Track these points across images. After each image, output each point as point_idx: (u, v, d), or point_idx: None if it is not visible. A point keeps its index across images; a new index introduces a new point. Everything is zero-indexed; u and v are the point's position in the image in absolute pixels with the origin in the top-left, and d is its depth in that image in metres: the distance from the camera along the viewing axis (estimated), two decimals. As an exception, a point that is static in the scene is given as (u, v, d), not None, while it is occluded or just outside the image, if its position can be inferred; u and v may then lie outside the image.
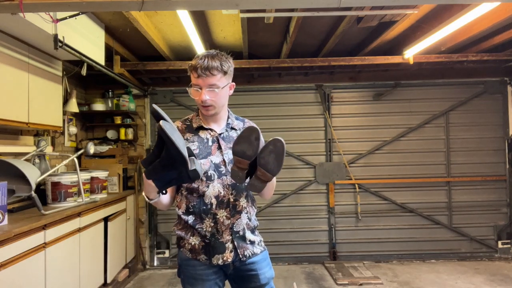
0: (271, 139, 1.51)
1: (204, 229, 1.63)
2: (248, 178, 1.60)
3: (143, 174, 1.49)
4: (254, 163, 1.55)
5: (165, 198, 1.64)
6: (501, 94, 5.14)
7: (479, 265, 4.77)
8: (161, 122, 1.37)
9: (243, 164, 1.53)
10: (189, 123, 1.75)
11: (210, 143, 1.69)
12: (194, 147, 1.67)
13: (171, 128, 1.41)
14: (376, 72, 5.11)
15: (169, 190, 1.62)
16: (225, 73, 1.64)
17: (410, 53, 4.24)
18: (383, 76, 5.16)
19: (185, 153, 1.40)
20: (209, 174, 1.64)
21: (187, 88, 1.69)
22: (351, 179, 5.10)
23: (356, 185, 5.09)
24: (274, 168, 1.52)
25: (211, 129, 1.72)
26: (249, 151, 1.50)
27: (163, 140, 1.38)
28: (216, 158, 1.67)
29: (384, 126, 5.15)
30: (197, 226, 1.64)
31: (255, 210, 1.78)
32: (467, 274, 4.44)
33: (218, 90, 1.62)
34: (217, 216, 1.63)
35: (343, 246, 5.11)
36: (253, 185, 1.57)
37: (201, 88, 1.61)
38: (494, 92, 5.14)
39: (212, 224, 1.63)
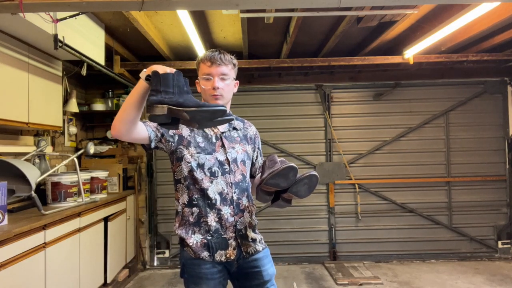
0: (308, 174, 1.59)
1: (209, 223, 1.64)
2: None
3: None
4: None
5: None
6: (501, 94, 5.14)
7: (479, 265, 4.77)
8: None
9: (271, 189, 1.63)
10: None
11: (214, 140, 1.72)
12: (199, 139, 1.70)
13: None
14: (376, 72, 5.10)
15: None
16: (234, 65, 1.74)
17: (410, 53, 4.24)
18: (383, 76, 5.16)
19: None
20: (213, 170, 1.67)
21: (196, 81, 1.73)
22: (351, 179, 5.10)
23: (356, 185, 5.09)
24: (304, 195, 1.63)
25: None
26: (284, 183, 1.59)
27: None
28: (220, 155, 1.70)
29: (384, 126, 5.15)
30: (201, 220, 1.65)
31: (255, 209, 1.82)
32: (467, 274, 4.44)
33: (229, 80, 1.69)
34: (222, 212, 1.65)
35: (343, 246, 5.11)
36: (279, 204, 1.68)
37: (212, 77, 1.66)
38: (494, 92, 5.14)
39: (217, 219, 1.65)
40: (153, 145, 1.64)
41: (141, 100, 1.47)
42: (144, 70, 1.43)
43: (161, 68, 1.38)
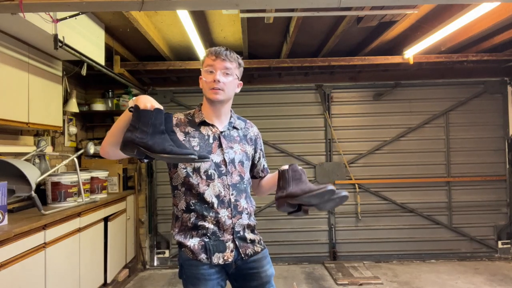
0: (341, 195, 1.50)
1: (206, 226, 1.63)
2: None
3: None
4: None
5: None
6: (501, 94, 5.14)
7: (479, 265, 4.77)
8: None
9: (295, 202, 1.57)
10: (191, 117, 1.74)
11: (211, 141, 1.69)
12: (194, 143, 1.66)
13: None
14: (376, 72, 5.10)
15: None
16: (239, 65, 1.72)
17: (410, 53, 4.23)
18: (383, 76, 5.16)
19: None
20: (209, 173, 1.64)
21: (200, 77, 1.70)
22: (351, 179, 5.10)
23: (356, 185, 5.09)
24: (326, 209, 1.61)
25: (213, 125, 1.72)
26: (316, 201, 1.52)
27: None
28: (217, 157, 1.67)
29: (384, 126, 5.15)
30: (199, 223, 1.63)
31: (254, 209, 1.79)
32: (467, 274, 4.44)
33: (232, 77, 1.67)
34: (219, 215, 1.63)
35: (343, 246, 5.11)
36: (297, 214, 1.62)
37: (215, 70, 1.65)
38: (494, 92, 5.14)
39: (214, 222, 1.64)
40: (145, 159, 1.64)
41: (127, 126, 1.49)
42: (133, 98, 1.47)
43: (142, 103, 1.41)
